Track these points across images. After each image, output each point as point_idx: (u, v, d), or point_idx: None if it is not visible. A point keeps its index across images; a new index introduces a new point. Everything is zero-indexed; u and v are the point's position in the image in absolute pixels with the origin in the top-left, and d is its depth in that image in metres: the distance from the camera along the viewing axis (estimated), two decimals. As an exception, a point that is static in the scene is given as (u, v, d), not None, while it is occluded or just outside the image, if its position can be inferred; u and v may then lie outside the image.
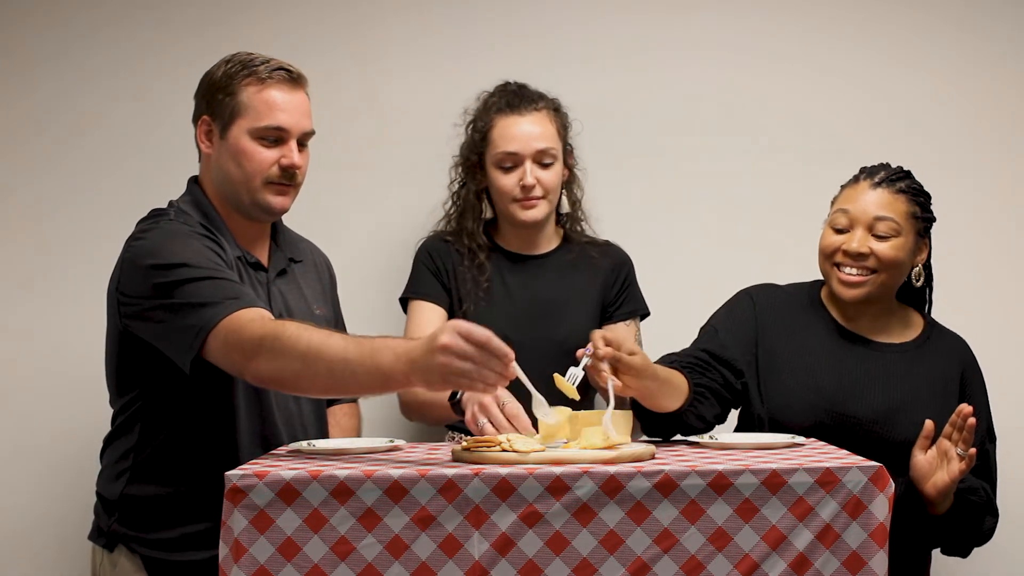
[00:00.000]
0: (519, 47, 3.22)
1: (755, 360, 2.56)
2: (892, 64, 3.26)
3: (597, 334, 2.28)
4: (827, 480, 1.99)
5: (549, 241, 2.99)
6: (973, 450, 2.30)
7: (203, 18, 3.21)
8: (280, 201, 2.51)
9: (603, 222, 3.07)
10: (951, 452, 2.31)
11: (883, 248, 2.51)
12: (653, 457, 2.13)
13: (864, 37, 3.26)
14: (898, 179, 2.54)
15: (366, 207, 3.22)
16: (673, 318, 2.88)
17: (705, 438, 2.37)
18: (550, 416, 2.18)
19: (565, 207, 3.01)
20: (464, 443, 2.16)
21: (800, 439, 2.32)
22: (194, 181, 2.58)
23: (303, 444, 2.33)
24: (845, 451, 2.21)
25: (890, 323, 2.60)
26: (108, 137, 3.20)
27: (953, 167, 3.25)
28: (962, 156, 3.25)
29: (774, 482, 1.99)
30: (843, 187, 2.60)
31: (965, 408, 2.30)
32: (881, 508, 1.99)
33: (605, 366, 2.24)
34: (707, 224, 3.24)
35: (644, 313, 3.01)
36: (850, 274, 2.52)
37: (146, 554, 2.45)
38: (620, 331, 2.90)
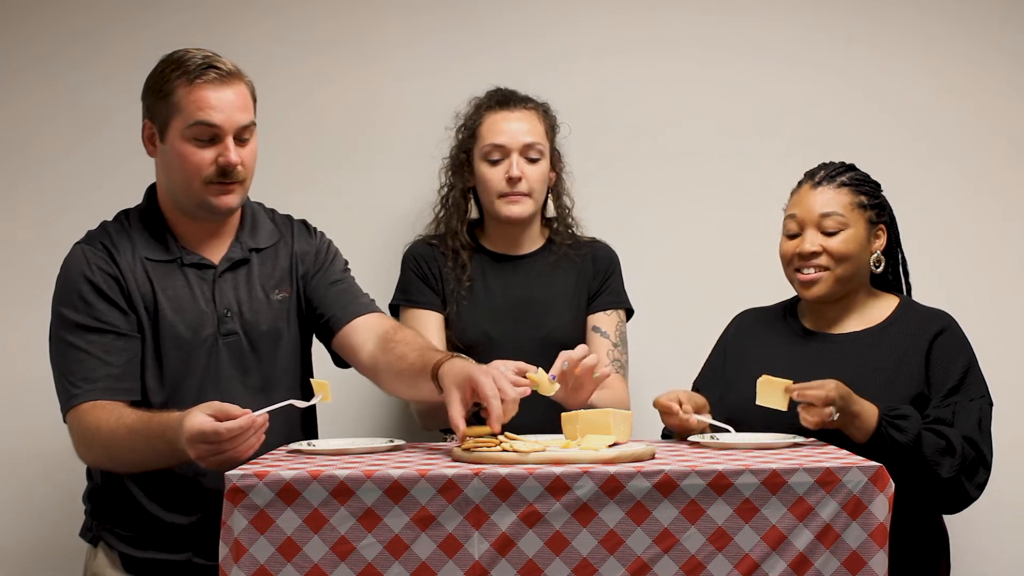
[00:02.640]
0: (508, 49, 3.23)
1: (721, 381, 2.64)
2: (889, 63, 3.26)
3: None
4: (827, 480, 1.99)
5: (533, 242, 2.99)
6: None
7: (200, 21, 3.21)
8: (224, 200, 2.45)
9: (591, 223, 3.07)
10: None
11: (833, 243, 2.57)
12: (653, 457, 2.13)
13: (862, 35, 3.26)
14: (838, 174, 2.61)
15: (355, 208, 3.22)
16: (662, 318, 2.88)
17: (706, 438, 2.37)
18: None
19: (551, 211, 3.02)
20: (464, 443, 2.16)
21: (800, 439, 2.32)
22: (151, 193, 2.58)
23: (303, 444, 2.33)
24: (845, 451, 2.21)
25: (853, 313, 2.64)
26: (109, 137, 3.20)
27: (953, 166, 3.25)
28: (962, 156, 3.25)
29: (774, 482, 1.99)
30: (790, 194, 2.68)
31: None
32: (881, 508, 1.99)
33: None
34: (696, 224, 3.24)
35: (628, 309, 3.01)
36: (807, 274, 2.58)
37: (122, 551, 2.49)
38: (599, 334, 2.92)
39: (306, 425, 2.61)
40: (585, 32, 3.26)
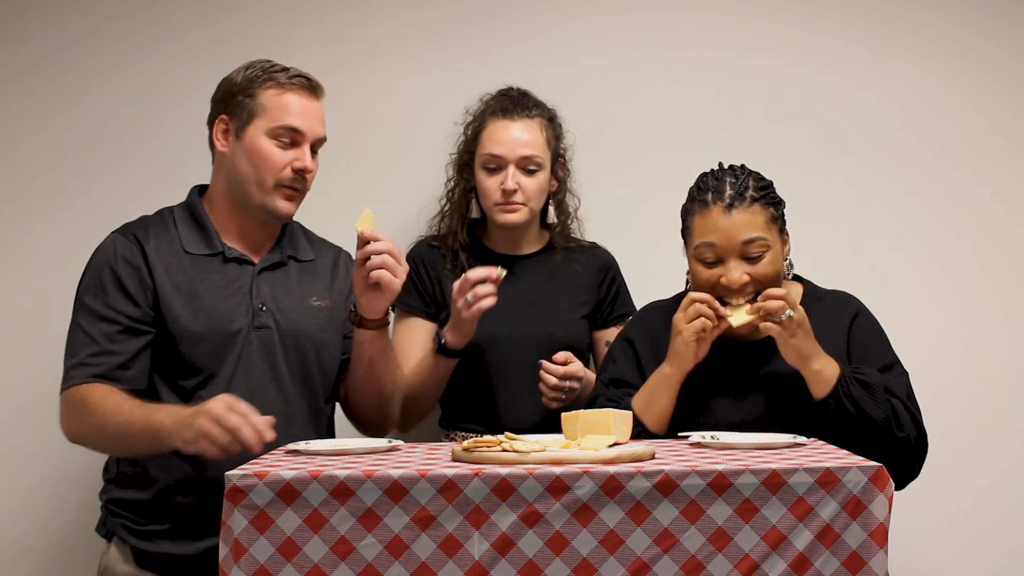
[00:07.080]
0: (517, 48, 3.23)
1: (635, 372, 2.61)
2: (889, 62, 3.26)
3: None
4: (827, 480, 1.99)
5: (534, 243, 2.99)
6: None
7: (203, 18, 3.22)
8: (287, 206, 2.60)
9: (591, 224, 3.07)
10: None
11: (760, 268, 2.47)
12: (653, 457, 2.13)
13: (861, 34, 3.26)
14: (744, 189, 2.47)
15: (361, 205, 3.22)
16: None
17: (706, 437, 2.36)
18: None
19: (551, 216, 3.02)
20: (464, 443, 2.16)
21: (801, 439, 2.32)
22: (196, 191, 2.67)
23: (301, 444, 2.33)
24: (845, 451, 2.20)
25: None
26: (109, 137, 3.20)
27: (953, 167, 3.25)
28: (961, 155, 3.25)
29: (774, 482, 1.99)
30: (693, 214, 2.52)
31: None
32: (881, 508, 1.99)
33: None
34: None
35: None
36: (734, 305, 2.48)
37: (135, 545, 2.54)
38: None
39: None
40: (593, 32, 3.25)
